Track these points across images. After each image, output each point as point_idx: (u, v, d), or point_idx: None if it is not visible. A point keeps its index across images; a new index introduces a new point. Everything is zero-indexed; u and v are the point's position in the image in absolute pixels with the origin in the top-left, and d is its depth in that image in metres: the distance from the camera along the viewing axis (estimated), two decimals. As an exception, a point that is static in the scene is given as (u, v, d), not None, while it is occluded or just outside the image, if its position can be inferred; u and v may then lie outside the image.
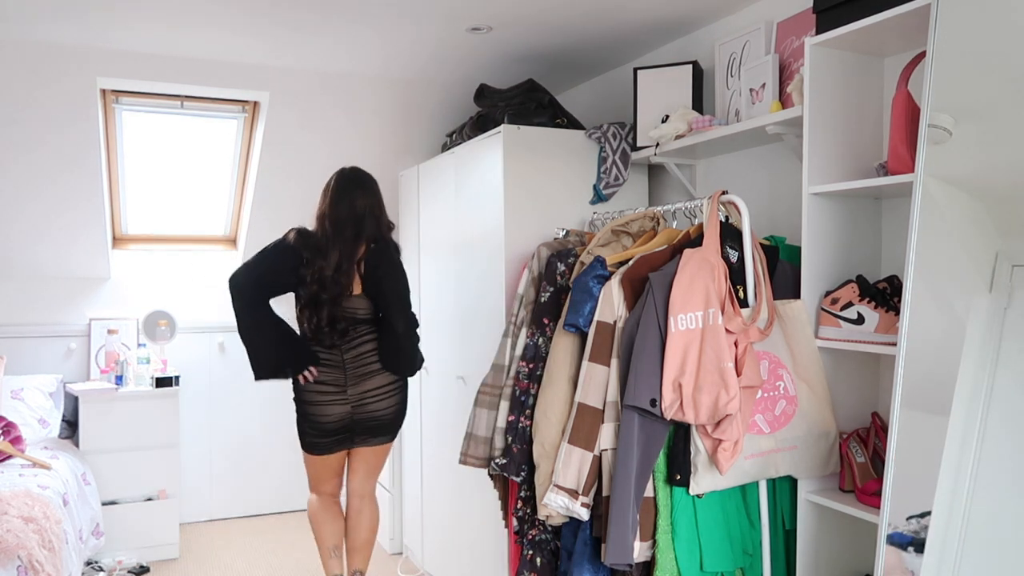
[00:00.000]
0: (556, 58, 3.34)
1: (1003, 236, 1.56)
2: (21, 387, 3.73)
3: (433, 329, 3.46)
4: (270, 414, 4.50)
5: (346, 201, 2.81)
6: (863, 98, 2.14)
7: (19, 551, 2.41)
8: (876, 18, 1.87)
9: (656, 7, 2.75)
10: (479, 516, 3.02)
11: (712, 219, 2.08)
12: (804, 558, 2.08)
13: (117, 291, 4.19)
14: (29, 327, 4.02)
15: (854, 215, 2.14)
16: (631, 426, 1.96)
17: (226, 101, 3.78)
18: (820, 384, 2.08)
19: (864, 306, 1.98)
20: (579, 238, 2.62)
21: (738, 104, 2.59)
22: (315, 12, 2.85)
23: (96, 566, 3.52)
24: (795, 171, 2.49)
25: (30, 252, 3.90)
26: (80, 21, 2.94)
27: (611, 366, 2.06)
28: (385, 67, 3.57)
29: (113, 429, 3.71)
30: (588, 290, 2.15)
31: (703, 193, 2.90)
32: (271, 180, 3.97)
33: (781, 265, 2.19)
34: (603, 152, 2.92)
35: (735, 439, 1.91)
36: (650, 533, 2.00)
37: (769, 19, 2.53)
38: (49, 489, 2.97)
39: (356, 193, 2.83)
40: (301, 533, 4.12)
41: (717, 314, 1.94)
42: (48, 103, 3.37)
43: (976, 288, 1.58)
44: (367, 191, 2.87)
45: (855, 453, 2.04)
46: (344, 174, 2.89)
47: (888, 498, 1.68)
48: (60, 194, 3.68)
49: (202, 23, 2.97)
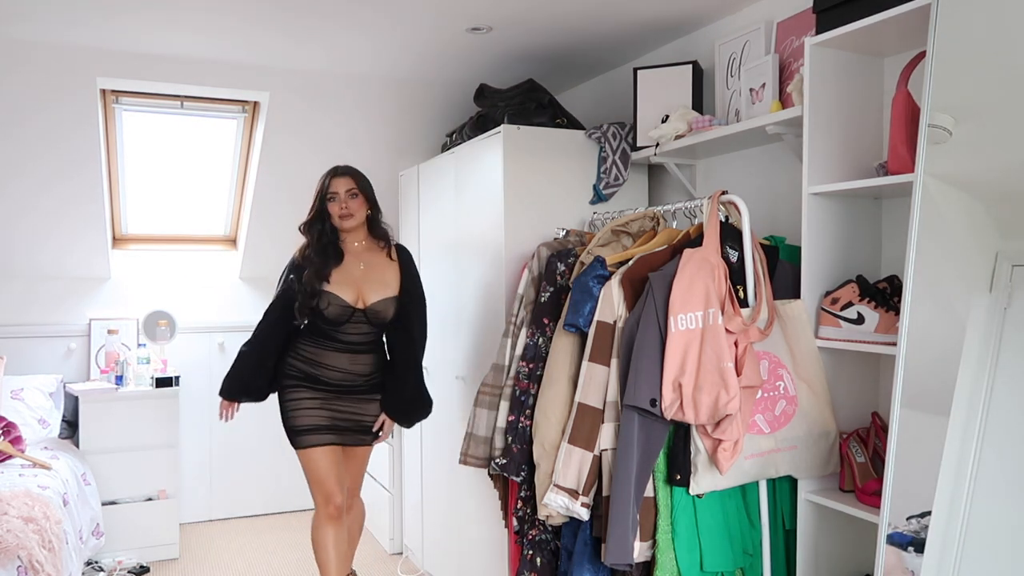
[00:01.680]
0: (556, 58, 3.34)
1: (1003, 236, 1.56)
2: (21, 387, 3.73)
3: (433, 329, 3.46)
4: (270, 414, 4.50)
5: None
6: (863, 98, 2.14)
7: (19, 551, 2.41)
8: (876, 18, 1.87)
9: (656, 7, 2.75)
10: (479, 516, 3.02)
11: (712, 219, 2.08)
12: (804, 558, 2.08)
13: (117, 291, 4.19)
14: (29, 327, 4.02)
15: (854, 215, 2.14)
16: (631, 426, 1.96)
17: (226, 101, 3.78)
18: (820, 384, 2.08)
19: (864, 306, 1.98)
20: (579, 238, 2.62)
21: (738, 104, 2.59)
22: (315, 12, 2.85)
23: (96, 566, 3.52)
24: (795, 171, 2.49)
25: (30, 252, 3.90)
26: (80, 21, 2.94)
27: (611, 366, 2.06)
28: (385, 67, 3.57)
29: (113, 429, 3.71)
30: (588, 290, 2.15)
31: (703, 193, 2.90)
32: (271, 180, 3.97)
33: (781, 265, 2.19)
34: (603, 152, 2.92)
35: (735, 439, 1.91)
36: (650, 533, 2.00)
37: (769, 19, 2.52)
38: (49, 489, 2.96)
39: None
40: (301, 533, 4.12)
41: (717, 314, 1.94)
42: (48, 103, 3.36)
43: (976, 288, 1.58)
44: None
45: (855, 453, 2.04)
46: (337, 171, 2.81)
47: (888, 498, 1.68)
48: (60, 194, 3.68)
49: (202, 23, 2.97)
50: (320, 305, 2.67)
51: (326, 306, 2.67)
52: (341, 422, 2.77)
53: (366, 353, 2.78)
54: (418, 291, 2.85)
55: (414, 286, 2.83)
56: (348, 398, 2.77)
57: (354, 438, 2.81)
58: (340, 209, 2.72)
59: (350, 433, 2.79)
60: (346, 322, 2.70)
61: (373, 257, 2.79)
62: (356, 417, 2.79)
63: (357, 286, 2.71)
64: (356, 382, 2.77)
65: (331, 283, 2.68)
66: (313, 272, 2.67)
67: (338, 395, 2.76)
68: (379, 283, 2.74)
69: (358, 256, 2.78)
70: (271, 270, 4.26)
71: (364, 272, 2.75)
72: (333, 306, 2.68)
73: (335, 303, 2.67)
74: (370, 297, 2.72)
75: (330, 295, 2.67)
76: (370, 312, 2.72)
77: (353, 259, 2.76)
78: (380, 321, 2.74)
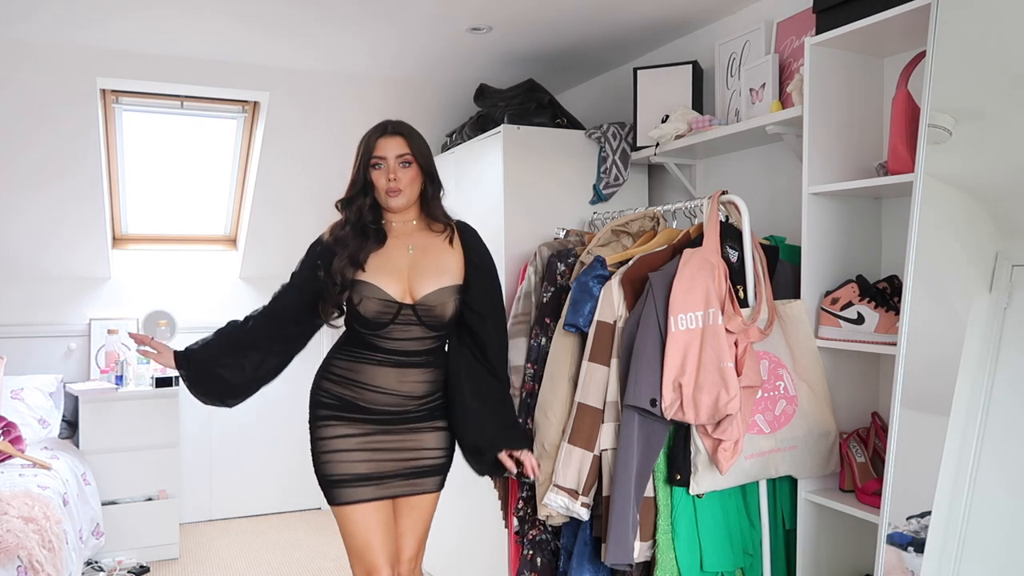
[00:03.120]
0: (556, 58, 3.34)
1: (1003, 236, 1.56)
2: (21, 387, 3.73)
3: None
4: (270, 414, 4.50)
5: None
6: (863, 98, 2.14)
7: (19, 551, 2.41)
8: (876, 18, 1.87)
9: (656, 7, 2.75)
10: (479, 516, 3.02)
11: (712, 219, 2.08)
12: (804, 558, 2.08)
13: (117, 291, 4.19)
14: (29, 327, 4.02)
15: (854, 215, 2.14)
16: (631, 426, 1.96)
17: (226, 101, 3.78)
18: (820, 384, 2.08)
19: (864, 306, 1.98)
20: (579, 238, 2.62)
21: (738, 104, 2.59)
22: (315, 12, 2.85)
23: (96, 566, 3.52)
24: (795, 171, 2.49)
25: (30, 252, 3.90)
26: (80, 21, 2.94)
27: (611, 366, 2.06)
28: (385, 67, 3.57)
29: (113, 429, 3.71)
30: (588, 290, 2.15)
31: (703, 193, 2.90)
32: (271, 180, 3.97)
33: (781, 265, 2.19)
34: (603, 152, 2.92)
35: (735, 439, 1.91)
36: (650, 533, 2.00)
37: (769, 19, 2.52)
38: (49, 489, 2.96)
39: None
40: (301, 533, 4.12)
41: (717, 314, 1.94)
42: (48, 103, 3.36)
43: (976, 288, 1.58)
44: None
45: (855, 453, 2.04)
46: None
47: (888, 498, 1.68)
48: (60, 194, 3.67)
49: (202, 23, 2.97)
50: (353, 300, 2.02)
51: (359, 301, 2.01)
52: (388, 465, 2.06)
53: (420, 367, 2.07)
54: (491, 277, 2.14)
55: (485, 270, 2.12)
56: (398, 430, 2.07)
57: (408, 485, 2.08)
58: (388, 181, 2.02)
59: (401, 479, 2.07)
60: (389, 323, 2.02)
61: (426, 239, 2.11)
62: (410, 456, 2.08)
63: (404, 274, 2.04)
64: (407, 407, 2.07)
65: (368, 271, 2.03)
66: (347, 257, 2.02)
67: (384, 427, 2.06)
68: (434, 269, 2.06)
69: (406, 237, 2.10)
70: (271, 270, 4.27)
71: (414, 257, 2.07)
72: (370, 300, 2.00)
73: (373, 296, 2.00)
74: (421, 288, 2.03)
75: (367, 286, 2.01)
76: (422, 308, 2.02)
77: (399, 242, 2.09)
78: (437, 321, 2.04)
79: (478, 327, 2.08)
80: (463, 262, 2.10)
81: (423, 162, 2.06)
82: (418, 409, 2.09)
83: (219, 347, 2.16)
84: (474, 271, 2.09)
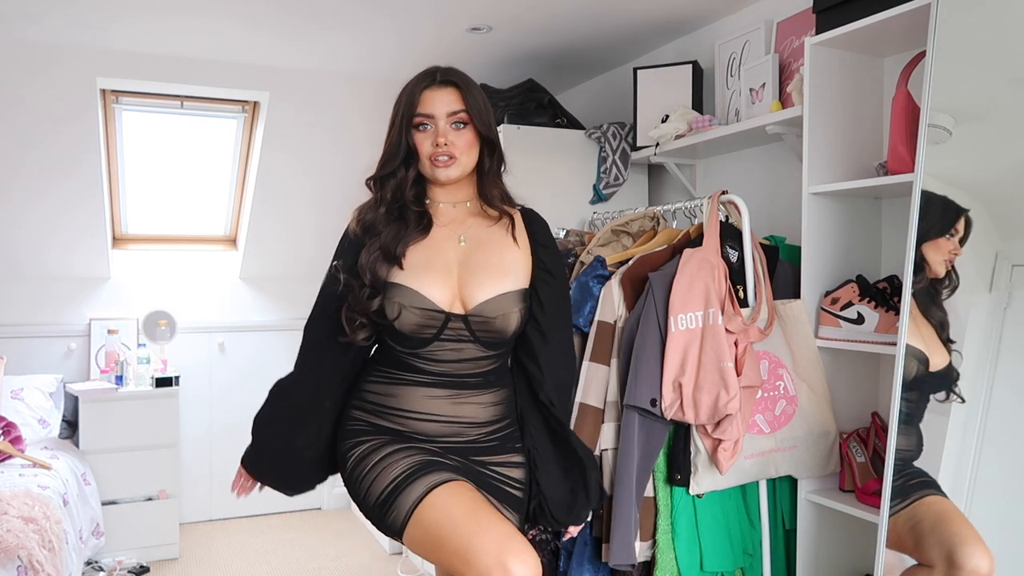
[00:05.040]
0: (556, 58, 3.34)
1: (1003, 236, 1.56)
2: (21, 387, 3.73)
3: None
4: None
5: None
6: (863, 98, 2.14)
7: (19, 551, 2.41)
8: (876, 18, 1.87)
9: (656, 7, 2.75)
10: (479, 516, 3.01)
11: (712, 219, 2.08)
12: (804, 558, 2.08)
13: (117, 291, 4.19)
14: (29, 327, 4.02)
15: (854, 215, 2.14)
16: (631, 426, 1.96)
17: (226, 101, 3.78)
18: (820, 384, 2.08)
19: (864, 306, 1.98)
20: (579, 238, 2.62)
21: (738, 104, 2.59)
22: (315, 12, 2.85)
23: (96, 566, 3.51)
24: (795, 171, 2.49)
25: (30, 252, 3.90)
26: (80, 21, 2.94)
27: (611, 366, 2.06)
28: (385, 67, 3.57)
29: (113, 429, 3.71)
30: (588, 290, 2.15)
31: (703, 193, 2.90)
32: (271, 180, 3.97)
33: (781, 265, 2.19)
34: (603, 152, 2.92)
35: (735, 439, 1.91)
36: (650, 533, 2.00)
37: (769, 19, 2.53)
38: (49, 489, 2.96)
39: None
40: (301, 533, 4.12)
41: (717, 314, 1.94)
42: (48, 103, 3.36)
43: (976, 288, 1.58)
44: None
45: (855, 453, 2.04)
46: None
47: (888, 498, 1.68)
48: (60, 194, 3.67)
49: (202, 23, 2.97)
50: (387, 311, 1.54)
51: (396, 313, 1.53)
52: (467, 472, 1.57)
53: (479, 388, 1.61)
54: (563, 284, 1.69)
55: (556, 275, 1.65)
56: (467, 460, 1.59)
57: (496, 504, 1.59)
58: (435, 147, 1.57)
59: (487, 493, 1.58)
60: (433, 339, 1.56)
61: (482, 229, 1.64)
62: (491, 476, 1.60)
63: (452, 274, 1.59)
64: (469, 436, 1.59)
65: (407, 269, 1.56)
66: (379, 249, 1.55)
67: (446, 455, 1.58)
68: (493, 268, 1.59)
69: (457, 225, 1.64)
70: (271, 270, 4.27)
71: (467, 251, 1.61)
72: (410, 311, 1.53)
73: (412, 306, 1.54)
74: (476, 293, 1.56)
75: (404, 291, 1.54)
76: (476, 320, 1.56)
77: (447, 231, 1.63)
78: (496, 337, 1.58)
79: (538, 348, 1.61)
80: (531, 261, 1.63)
81: (482, 123, 1.58)
82: (486, 438, 1.60)
83: (283, 436, 1.75)
84: (542, 274, 1.63)
